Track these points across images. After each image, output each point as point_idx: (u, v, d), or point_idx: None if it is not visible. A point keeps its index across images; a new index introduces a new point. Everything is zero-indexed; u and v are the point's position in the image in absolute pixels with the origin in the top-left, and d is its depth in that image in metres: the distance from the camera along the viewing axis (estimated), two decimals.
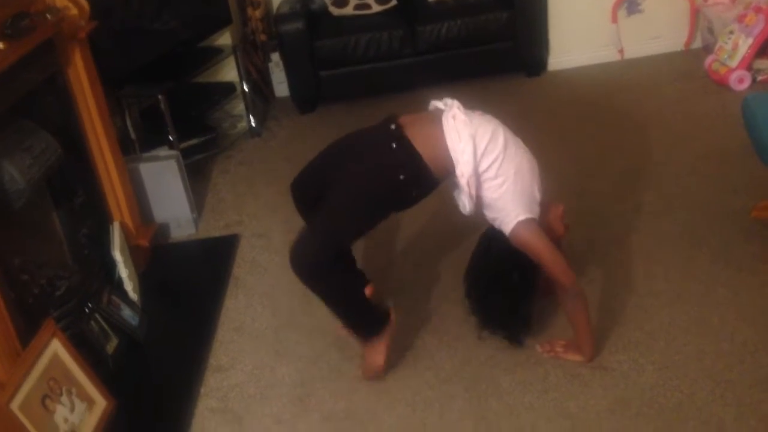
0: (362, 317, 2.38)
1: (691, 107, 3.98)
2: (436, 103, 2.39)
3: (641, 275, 2.72)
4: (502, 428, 2.19)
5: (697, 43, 4.69)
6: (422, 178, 2.23)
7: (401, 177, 2.20)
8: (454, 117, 2.22)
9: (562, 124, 4.02)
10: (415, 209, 2.37)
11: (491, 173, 2.21)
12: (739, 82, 4.06)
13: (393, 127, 2.26)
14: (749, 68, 4.07)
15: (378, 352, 2.38)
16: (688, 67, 4.45)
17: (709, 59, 4.29)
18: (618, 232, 2.98)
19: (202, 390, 2.51)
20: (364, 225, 2.29)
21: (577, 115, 4.10)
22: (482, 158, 2.19)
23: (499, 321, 2.43)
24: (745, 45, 4.05)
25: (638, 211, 3.10)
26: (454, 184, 2.32)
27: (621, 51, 4.72)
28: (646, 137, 3.72)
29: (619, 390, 2.25)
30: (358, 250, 2.75)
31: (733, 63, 4.08)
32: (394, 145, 2.22)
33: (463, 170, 2.19)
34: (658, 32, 4.67)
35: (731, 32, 4.17)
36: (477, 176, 2.21)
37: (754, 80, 4.07)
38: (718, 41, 4.28)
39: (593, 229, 2.95)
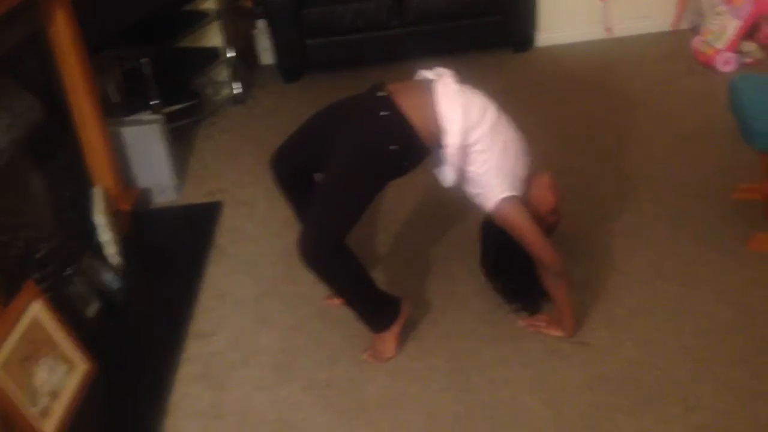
0: (373, 310, 2.35)
1: (677, 87, 3.99)
2: (425, 73, 2.34)
3: (623, 253, 2.74)
4: (482, 401, 2.20)
5: (685, 24, 4.69)
6: (413, 147, 2.19)
7: (392, 147, 2.15)
8: (446, 86, 2.20)
9: (548, 100, 4.01)
10: (396, 183, 2.35)
11: (480, 146, 2.18)
12: (725, 63, 4.07)
13: (381, 94, 2.22)
14: (736, 50, 4.08)
15: (388, 342, 2.37)
16: (675, 47, 4.45)
17: (696, 40, 4.30)
18: (601, 210, 3.00)
19: (184, 356, 2.50)
20: (360, 205, 2.22)
21: (563, 92, 4.09)
22: (472, 130, 2.17)
23: (519, 293, 2.47)
24: (732, 27, 4.06)
25: (621, 190, 3.12)
26: (438, 157, 2.29)
27: (609, 29, 4.71)
28: (631, 116, 3.73)
29: (598, 365, 2.27)
30: None
31: (720, 44, 4.09)
32: (383, 113, 2.17)
33: (452, 140, 2.16)
34: (646, 11, 4.66)
35: (719, 13, 4.17)
36: (465, 147, 2.18)
37: (740, 62, 4.09)
38: (706, 22, 4.28)
39: (576, 205, 2.96)
